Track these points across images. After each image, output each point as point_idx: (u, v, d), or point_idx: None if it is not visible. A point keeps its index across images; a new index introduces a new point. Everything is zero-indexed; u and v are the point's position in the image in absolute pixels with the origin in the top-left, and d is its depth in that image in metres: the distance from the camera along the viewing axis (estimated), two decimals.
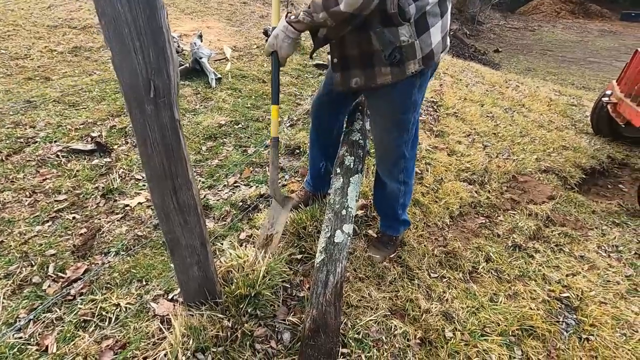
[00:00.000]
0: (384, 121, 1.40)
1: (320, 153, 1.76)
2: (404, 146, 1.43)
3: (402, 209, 1.64)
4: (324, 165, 1.78)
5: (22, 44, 3.79)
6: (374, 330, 1.37)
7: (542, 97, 4.00)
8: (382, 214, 1.72)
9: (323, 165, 1.77)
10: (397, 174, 1.53)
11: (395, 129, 1.38)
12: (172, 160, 0.96)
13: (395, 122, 1.37)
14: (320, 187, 1.88)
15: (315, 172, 1.84)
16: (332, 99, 1.55)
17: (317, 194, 1.90)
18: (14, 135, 2.32)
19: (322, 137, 1.71)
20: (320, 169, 1.79)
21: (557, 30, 11.02)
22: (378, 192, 1.68)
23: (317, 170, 1.82)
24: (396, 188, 1.56)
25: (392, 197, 1.59)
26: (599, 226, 2.12)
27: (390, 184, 1.56)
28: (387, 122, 1.39)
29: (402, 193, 1.58)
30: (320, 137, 1.71)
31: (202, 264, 1.18)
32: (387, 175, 1.55)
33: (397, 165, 1.50)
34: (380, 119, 1.42)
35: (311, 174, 1.87)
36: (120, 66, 0.82)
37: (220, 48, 4.29)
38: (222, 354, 1.17)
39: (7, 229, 1.69)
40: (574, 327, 1.48)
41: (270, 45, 1.30)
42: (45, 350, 1.21)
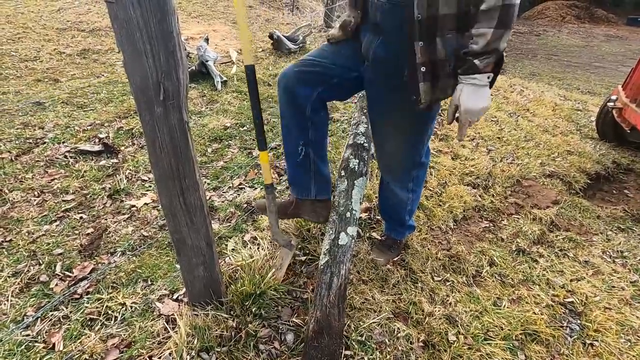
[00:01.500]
0: (409, 135, 1.27)
1: (295, 134, 1.35)
2: (419, 156, 1.37)
3: (409, 215, 1.59)
4: (303, 151, 1.37)
5: (32, 46, 3.85)
6: (377, 332, 1.37)
7: (547, 102, 3.99)
8: (387, 218, 1.68)
9: (302, 149, 1.36)
10: (407, 183, 1.45)
11: (418, 140, 1.30)
12: (180, 161, 0.97)
13: (421, 135, 1.28)
14: (305, 187, 1.44)
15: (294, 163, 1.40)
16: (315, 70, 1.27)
17: (304, 198, 1.46)
18: (23, 135, 2.35)
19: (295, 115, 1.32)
20: (298, 154, 1.37)
21: (563, 34, 11.00)
22: (384, 198, 1.59)
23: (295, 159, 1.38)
24: (405, 196, 1.49)
25: (400, 204, 1.53)
26: (604, 231, 2.12)
27: (400, 192, 1.48)
28: (412, 136, 1.27)
29: (410, 200, 1.52)
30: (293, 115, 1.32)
31: (208, 265, 1.19)
32: (397, 184, 1.46)
33: (408, 174, 1.42)
34: (405, 132, 1.27)
35: (290, 168, 1.43)
36: (132, 69, 0.84)
37: (226, 51, 4.33)
38: (226, 353, 1.18)
39: (15, 228, 1.72)
40: (578, 333, 1.47)
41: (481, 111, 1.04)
42: (52, 348, 1.23)
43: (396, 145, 1.32)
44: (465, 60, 0.99)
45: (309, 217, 1.50)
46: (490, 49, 0.96)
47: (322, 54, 1.30)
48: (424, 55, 1.02)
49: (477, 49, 0.96)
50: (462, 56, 0.99)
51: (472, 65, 0.98)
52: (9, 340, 1.23)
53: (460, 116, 1.05)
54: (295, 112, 1.32)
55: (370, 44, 1.16)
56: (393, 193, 1.51)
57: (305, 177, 1.42)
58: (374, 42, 1.15)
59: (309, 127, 1.35)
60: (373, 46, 1.15)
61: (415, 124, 1.25)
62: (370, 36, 1.16)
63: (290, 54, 4.45)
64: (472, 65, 0.98)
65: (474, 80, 1.00)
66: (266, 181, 1.31)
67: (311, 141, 1.37)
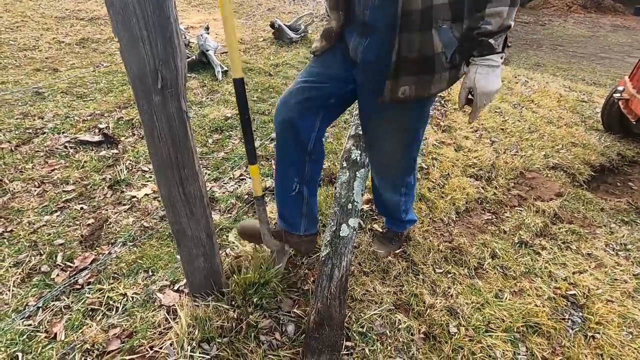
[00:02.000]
0: (403, 135, 1.22)
1: (291, 171, 1.28)
2: (413, 159, 1.33)
3: (405, 214, 1.57)
4: (297, 188, 1.29)
5: (31, 35, 3.81)
6: (378, 324, 1.37)
7: (551, 93, 3.94)
8: (385, 215, 1.68)
9: (296, 187, 1.29)
10: (400, 188, 1.43)
11: (413, 142, 1.25)
12: (179, 151, 0.96)
13: (415, 135, 1.23)
14: (296, 223, 1.36)
15: (285, 200, 1.33)
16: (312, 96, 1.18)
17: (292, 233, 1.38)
18: (22, 125, 2.34)
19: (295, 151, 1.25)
20: (292, 191, 1.30)
21: (568, 24, 10.82)
22: (378, 201, 1.58)
23: (288, 196, 1.31)
24: (397, 199, 1.46)
25: (394, 207, 1.51)
26: (607, 224, 2.10)
27: (393, 197, 1.45)
28: (406, 136, 1.22)
29: (403, 202, 1.50)
30: (292, 151, 1.25)
31: (208, 256, 1.19)
32: (390, 189, 1.43)
33: (402, 180, 1.40)
34: (398, 133, 1.21)
35: (281, 204, 1.36)
36: (129, 57, 0.82)
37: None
38: (227, 344, 1.19)
39: (16, 219, 1.72)
40: (579, 325, 1.47)
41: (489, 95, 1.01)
42: (54, 338, 1.23)
43: (389, 150, 1.26)
44: (479, 42, 0.95)
45: (295, 247, 1.46)
46: (505, 27, 0.94)
47: (312, 72, 1.21)
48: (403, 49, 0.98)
49: (492, 28, 0.93)
50: (475, 37, 0.95)
51: (488, 46, 0.95)
52: (11, 329, 1.24)
53: (476, 99, 1.02)
54: (295, 148, 1.24)
55: (358, 46, 1.09)
56: (386, 198, 1.49)
57: (295, 214, 1.36)
58: (362, 44, 1.07)
59: (307, 163, 1.28)
60: (361, 48, 1.08)
61: (407, 126, 1.19)
62: (357, 38, 1.09)
63: (291, 43, 4.40)
64: (489, 45, 0.95)
65: (489, 62, 0.97)
66: (257, 193, 1.27)
67: (307, 179, 1.31)
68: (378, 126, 1.22)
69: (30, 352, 1.17)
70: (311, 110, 1.20)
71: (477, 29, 0.95)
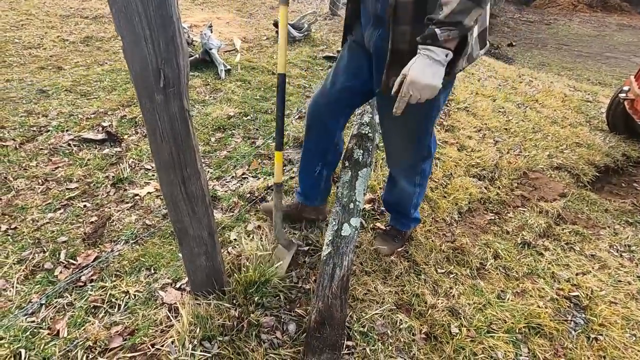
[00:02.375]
0: (412, 126, 1.26)
1: (317, 158, 1.54)
2: (426, 149, 1.36)
3: (414, 209, 1.60)
4: (319, 170, 1.55)
5: (35, 33, 3.83)
6: (380, 324, 1.37)
7: (556, 93, 3.91)
8: (392, 211, 1.69)
9: (319, 170, 1.55)
10: (415, 176, 1.46)
11: (423, 133, 1.29)
12: (181, 150, 0.96)
13: (425, 126, 1.27)
14: (313, 197, 1.66)
15: (308, 179, 1.60)
16: (341, 97, 1.36)
17: (309, 205, 1.69)
18: (27, 123, 2.35)
19: (322, 142, 1.49)
20: (314, 172, 1.56)
21: (574, 24, 10.74)
22: (391, 193, 1.61)
23: (310, 177, 1.58)
24: (412, 190, 1.50)
25: (406, 198, 1.54)
26: (612, 225, 2.08)
27: (407, 187, 1.49)
28: (415, 127, 1.26)
29: (415, 194, 1.53)
30: (320, 142, 1.49)
31: (210, 254, 1.19)
32: (404, 178, 1.47)
33: (415, 169, 1.43)
34: (408, 123, 1.24)
35: (303, 182, 1.64)
36: (131, 55, 0.82)
37: (230, 39, 4.28)
38: (228, 343, 1.19)
39: (20, 216, 1.73)
40: (582, 327, 1.46)
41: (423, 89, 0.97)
42: (57, 335, 1.24)
43: (403, 138, 1.32)
44: (427, 27, 0.93)
45: (311, 216, 1.73)
46: (454, 21, 0.89)
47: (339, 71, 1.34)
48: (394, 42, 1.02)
49: (440, 17, 0.90)
50: (426, 23, 0.93)
51: (432, 34, 0.91)
52: (14, 326, 1.25)
53: (403, 86, 0.98)
54: (322, 139, 1.48)
55: (371, 37, 1.14)
56: (400, 188, 1.52)
57: (314, 191, 1.63)
58: (374, 35, 1.13)
59: (331, 151, 1.52)
60: (373, 39, 1.13)
61: (419, 115, 1.22)
62: (371, 29, 1.14)
63: (295, 42, 4.39)
64: (432, 33, 0.91)
65: (430, 52, 0.93)
66: (277, 180, 1.37)
67: (329, 162, 1.56)
68: (387, 117, 1.29)
69: (33, 349, 1.18)
70: (338, 113, 1.41)
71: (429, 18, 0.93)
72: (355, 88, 1.32)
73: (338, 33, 4.94)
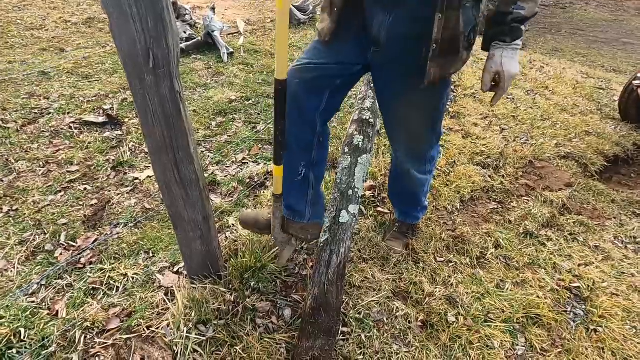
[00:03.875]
0: (424, 114, 1.22)
1: (298, 155, 1.27)
2: (439, 132, 1.33)
3: (424, 196, 1.57)
4: (304, 173, 1.28)
5: (38, 15, 3.80)
6: (376, 311, 1.37)
7: (567, 80, 3.79)
8: (400, 205, 1.63)
9: (303, 171, 1.28)
10: (426, 164, 1.42)
11: (439, 119, 1.26)
12: (173, 132, 0.94)
13: (436, 114, 1.23)
14: (301, 211, 1.35)
15: (292, 186, 1.31)
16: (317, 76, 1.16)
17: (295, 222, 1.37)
18: (28, 105, 2.35)
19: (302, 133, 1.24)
20: (298, 175, 1.29)
21: (590, 8, 10.35)
22: (400, 184, 1.53)
23: (294, 182, 1.30)
24: (423, 179, 1.45)
25: (418, 187, 1.49)
26: (618, 216, 2.04)
27: (417, 176, 1.43)
28: (427, 115, 1.22)
29: (427, 182, 1.50)
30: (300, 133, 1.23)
31: (205, 239, 1.18)
32: (417, 168, 1.41)
33: (427, 156, 1.39)
34: (420, 112, 1.20)
35: (287, 191, 1.31)
36: (119, 34, 0.80)
37: (233, 21, 4.20)
38: (223, 326, 1.19)
39: (21, 198, 1.74)
40: (582, 318, 1.44)
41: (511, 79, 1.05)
42: (56, 315, 1.26)
43: (417, 127, 1.26)
44: (511, 26, 0.99)
45: (298, 235, 1.41)
46: (535, 13, 0.99)
47: (318, 54, 1.17)
48: (440, 30, 0.95)
49: (525, 14, 0.97)
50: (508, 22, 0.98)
51: (519, 31, 0.99)
52: (15, 306, 1.27)
53: (503, 82, 1.05)
54: (303, 128, 1.23)
55: (382, 24, 1.05)
56: (412, 179, 1.44)
57: (300, 200, 1.34)
58: (386, 21, 1.04)
59: (314, 145, 1.27)
60: (385, 25, 1.04)
61: (433, 101, 1.19)
62: (381, 15, 1.04)
63: (299, 24, 4.30)
64: (519, 31, 0.99)
65: (515, 46, 1.01)
66: (276, 192, 1.30)
67: (314, 161, 1.29)
68: (405, 106, 1.19)
69: (32, 328, 1.20)
70: (315, 90, 1.18)
71: (510, 14, 0.97)
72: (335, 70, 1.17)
73: None
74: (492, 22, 1.01)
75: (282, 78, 1.04)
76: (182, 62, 3.13)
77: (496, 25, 1.00)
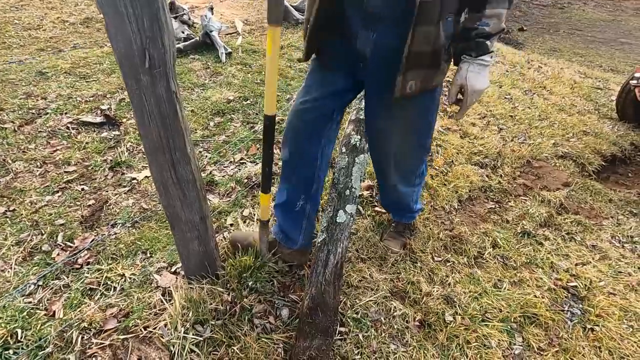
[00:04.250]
0: (416, 128, 1.20)
1: (298, 190, 1.29)
2: (427, 149, 1.30)
3: (415, 203, 1.55)
4: (301, 205, 1.30)
5: (35, 14, 3.78)
6: (373, 310, 1.37)
7: (565, 79, 3.80)
8: (393, 210, 1.63)
9: (301, 204, 1.30)
10: (414, 179, 1.40)
11: (427, 133, 1.23)
12: (169, 133, 0.94)
13: (429, 125, 1.21)
14: (294, 239, 1.37)
15: (287, 215, 1.33)
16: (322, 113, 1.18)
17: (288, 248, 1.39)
18: (26, 105, 2.34)
19: (302, 167, 1.26)
20: (295, 207, 1.31)
21: (588, 8, 10.37)
22: (388, 198, 1.52)
23: (290, 212, 1.32)
24: (410, 191, 1.43)
25: (406, 198, 1.47)
26: (615, 215, 2.05)
27: (405, 190, 1.41)
28: (419, 128, 1.20)
29: (415, 192, 1.48)
30: (298, 166, 1.26)
31: (202, 239, 1.18)
32: (405, 183, 1.38)
33: (417, 170, 1.37)
34: (411, 126, 1.18)
35: (282, 218, 1.35)
36: (115, 34, 0.80)
37: (231, 21, 4.20)
38: (221, 327, 1.19)
39: (19, 198, 1.73)
40: (579, 317, 1.45)
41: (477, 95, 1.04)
42: (53, 315, 1.26)
43: (403, 144, 1.23)
44: (476, 42, 0.98)
45: (290, 260, 1.46)
46: (500, 29, 0.97)
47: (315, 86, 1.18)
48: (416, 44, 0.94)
49: (490, 30, 0.96)
50: (473, 37, 0.98)
51: (484, 47, 0.98)
52: (12, 306, 1.26)
53: (466, 97, 1.04)
54: (304, 168, 1.26)
55: (366, 42, 1.03)
56: (399, 193, 1.43)
57: (295, 229, 1.36)
58: (369, 39, 1.02)
59: (314, 179, 1.29)
60: (370, 43, 1.03)
61: (419, 119, 1.17)
62: (364, 32, 1.02)
63: (297, 24, 4.29)
64: (485, 46, 0.97)
65: (482, 61, 0.99)
66: (263, 218, 1.31)
67: (312, 196, 1.31)
68: (389, 122, 1.17)
69: (29, 329, 1.20)
70: (317, 130, 1.21)
71: (474, 30, 0.97)
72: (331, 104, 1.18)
73: None
74: (459, 38, 1.01)
75: (270, 114, 1.07)
76: (180, 62, 3.13)
77: (462, 40, 1.00)
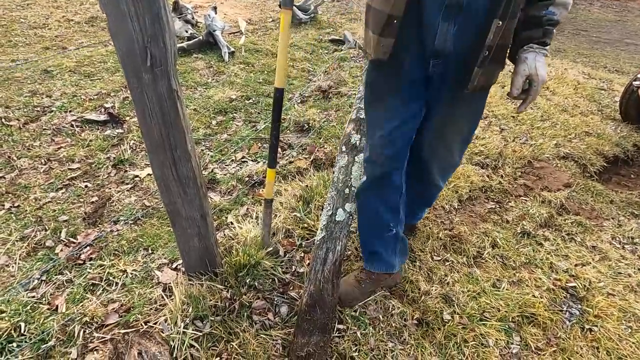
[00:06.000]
0: (472, 123, 1.19)
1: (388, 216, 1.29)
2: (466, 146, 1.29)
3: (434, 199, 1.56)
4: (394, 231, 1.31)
5: (41, 13, 3.83)
6: (372, 308, 1.38)
7: (568, 80, 3.79)
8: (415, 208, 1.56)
9: (393, 229, 1.31)
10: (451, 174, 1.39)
11: (473, 130, 1.22)
12: (170, 130, 0.95)
13: (477, 123, 1.20)
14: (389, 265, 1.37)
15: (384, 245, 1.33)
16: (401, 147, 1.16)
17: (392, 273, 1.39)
18: (31, 103, 2.37)
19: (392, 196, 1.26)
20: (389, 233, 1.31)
21: (594, 8, 10.30)
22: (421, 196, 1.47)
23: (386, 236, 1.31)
24: (441, 186, 1.43)
25: (436, 194, 1.49)
26: (616, 216, 2.04)
27: (442, 185, 1.41)
28: (474, 124, 1.20)
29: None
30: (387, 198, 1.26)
31: (202, 236, 1.20)
32: (444, 179, 1.38)
33: (456, 166, 1.36)
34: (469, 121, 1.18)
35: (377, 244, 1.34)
36: (116, 33, 0.81)
37: (234, 21, 4.22)
38: (220, 323, 1.21)
39: (23, 194, 1.76)
40: (577, 317, 1.45)
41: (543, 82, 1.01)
42: (56, 310, 1.28)
43: (457, 137, 1.22)
44: (545, 29, 0.96)
45: (388, 286, 1.45)
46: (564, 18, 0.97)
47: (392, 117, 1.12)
48: (497, 37, 0.91)
49: (558, 18, 0.96)
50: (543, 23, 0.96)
51: (551, 35, 0.97)
52: (16, 300, 1.29)
53: (536, 87, 1.01)
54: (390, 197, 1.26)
55: (447, 34, 0.97)
56: (438, 189, 1.43)
57: (390, 253, 1.35)
58: (451, 30, 0.96)
59: (400, 205, 1.29)
60: (451, 34, 0.96)
61: (477, 114, 1.17)
62: (444, 24, 0.95)
63: (300, 24, 4.31)
64: (552, 34, 0.97)
65: (545, 50, 0.99)
66: (267, 196, 1.33)
67: (401, 219, 1.32)
68: (454, 116, 1.15)
69: (32, 323, 1.22)
70: (401, 161, 1.20)
71: (543, 17, 0.95)
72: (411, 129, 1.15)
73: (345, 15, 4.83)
74: (524, 27, 0.97)
75: (280, 86, 1.11)
76: (184, 61, 3.15)
77: (529, 29, 0.97)
